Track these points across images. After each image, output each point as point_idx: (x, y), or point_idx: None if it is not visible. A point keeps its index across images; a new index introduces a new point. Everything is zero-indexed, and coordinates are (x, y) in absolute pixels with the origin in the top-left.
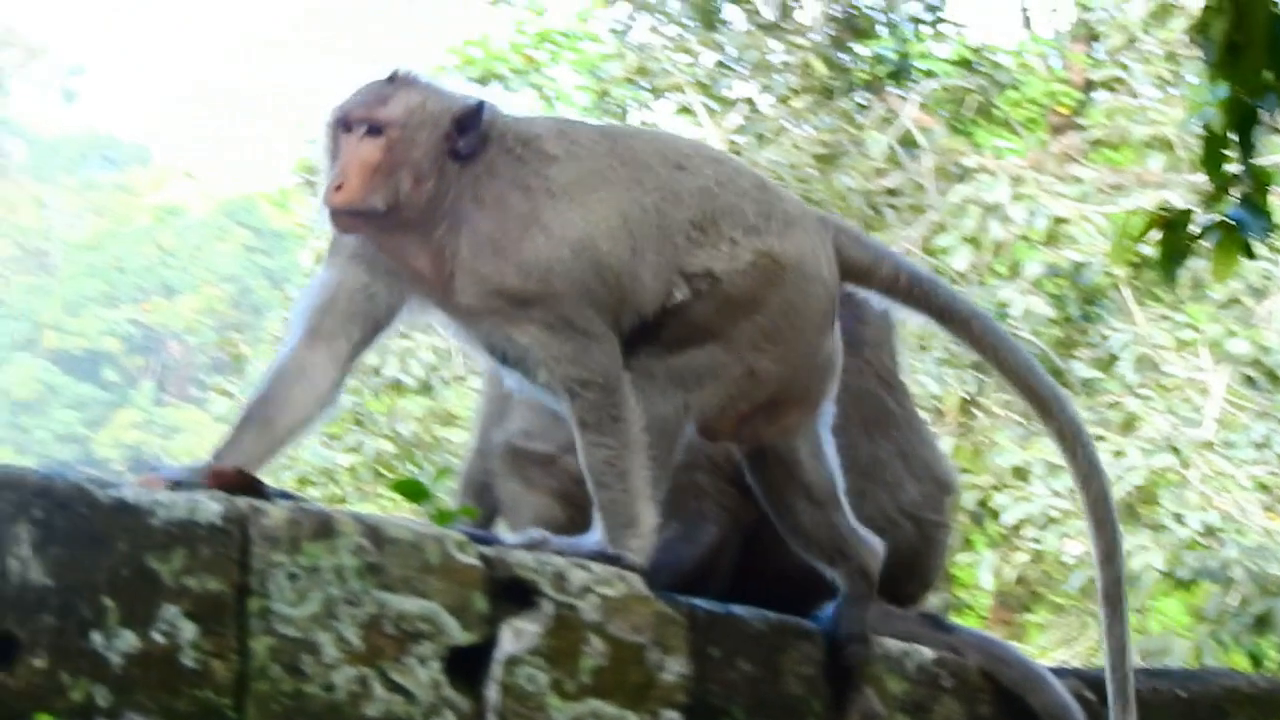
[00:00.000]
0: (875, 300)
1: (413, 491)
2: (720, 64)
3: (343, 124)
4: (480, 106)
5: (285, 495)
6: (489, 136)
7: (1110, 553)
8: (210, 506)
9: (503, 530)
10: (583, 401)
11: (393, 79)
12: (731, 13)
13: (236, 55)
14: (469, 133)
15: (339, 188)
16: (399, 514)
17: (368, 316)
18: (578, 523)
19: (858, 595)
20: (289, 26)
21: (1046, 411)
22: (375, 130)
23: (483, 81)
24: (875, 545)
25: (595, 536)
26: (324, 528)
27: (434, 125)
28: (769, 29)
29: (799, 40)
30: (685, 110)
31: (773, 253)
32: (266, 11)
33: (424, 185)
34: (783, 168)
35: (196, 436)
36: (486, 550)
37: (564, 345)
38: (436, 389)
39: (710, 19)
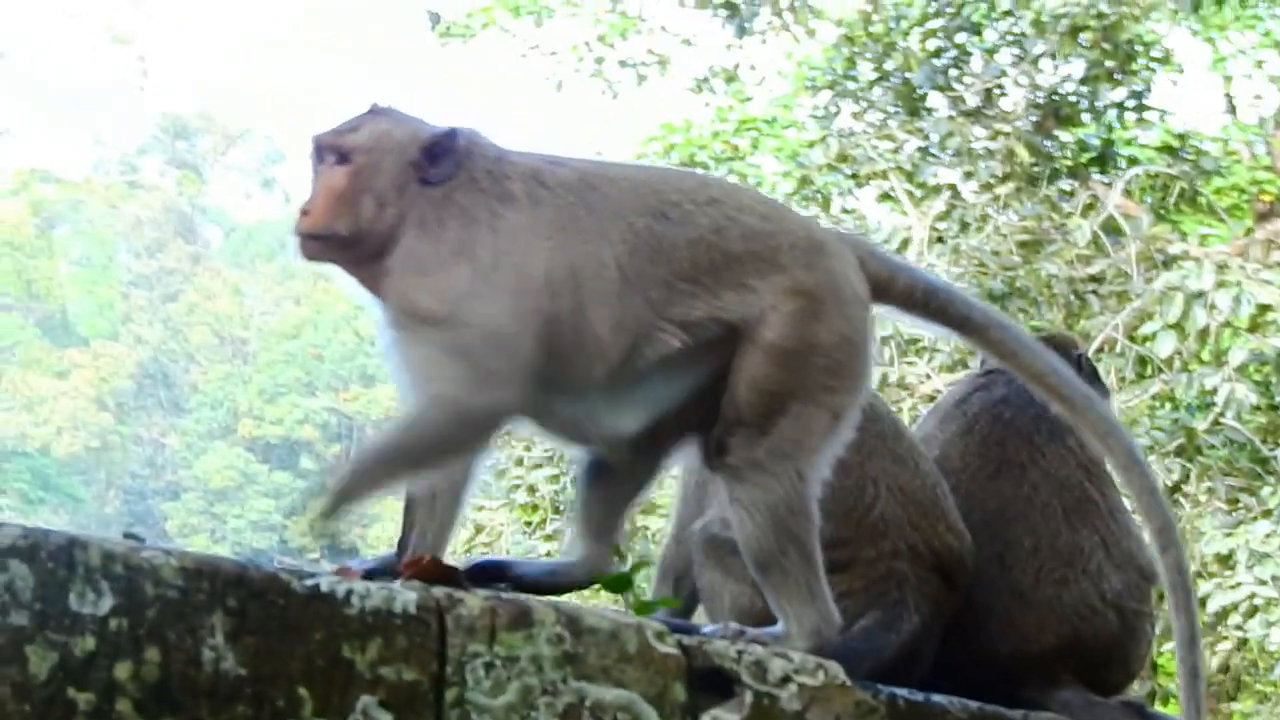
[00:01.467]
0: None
1: (612, 581)
2: (923, 150)
3: (318, 153)
4: (452, 133)
5: (482, 584)
6: (462, 165)
7: (1166, 540)
8: (406, 596)
9: (702, 619)
10: (424, 417)
11: (371, 110)
12: (935, 99)
13: None
14: (440, 161)
15: (306, 214)
16: (597, 603)
17: None
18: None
19: (570, 582)
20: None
21: (1078, 411)
22: (343, 157)
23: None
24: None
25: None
26: (522, 617)
27: (400, 152)
28: (972, 115)
29: (1003, 127)
30: (888, 197)
31: (803, 288)
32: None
33: (386, 211)
34: (986, 255)
35: (394, 525)
36: (686, 639)
37: (436, 381)
38: None
39: (913, 105)
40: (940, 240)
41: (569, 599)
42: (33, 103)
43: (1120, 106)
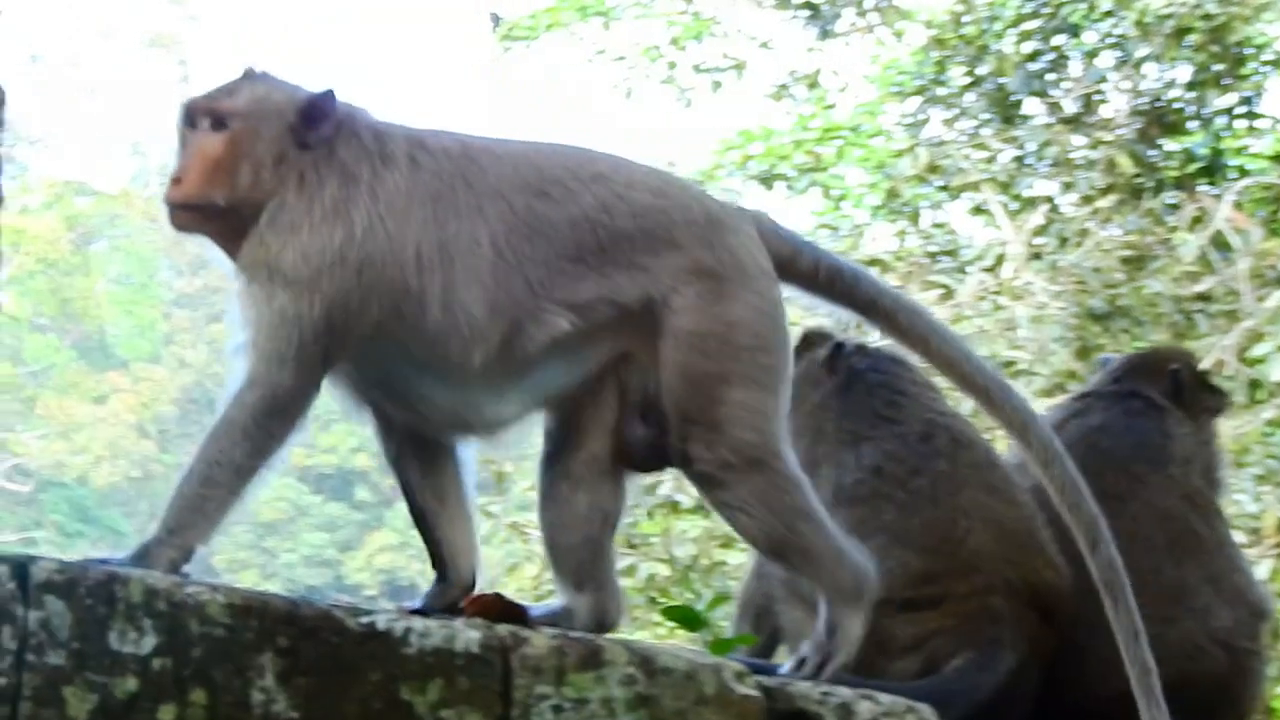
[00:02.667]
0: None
1: (687, 618)
2: (1019, 161)
3: (189, 118)
4: (329, 95)
5: (550, 622)
6: (340, 126)
7: (1094, 537)
8: (469, 634)
9: (784, 659)
10: (243, 398)
11: (246, 74)
12: (1031, 106)
13: None
14: (319, 124)
15: (178, 181)
16: (672, 642)
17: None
18: (864, 650)
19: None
20: None
21: (991, 402)
22: (219, 123)
23: (766, 181)
24: (623, 600)
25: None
26: (592, 657)
27: (279, 116)
28: (1071, 123)
29: (1103, 135)
30: (981, 210)
31: (703, 267)
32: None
33: (263, 178)
34: (1086, 272)
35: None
36: (766, 680)
37: (274, 341)
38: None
39: (1008, 112)
40: (1037, 256)
41: (642, 637)
42: (67, 110)
43: (1229, 113)
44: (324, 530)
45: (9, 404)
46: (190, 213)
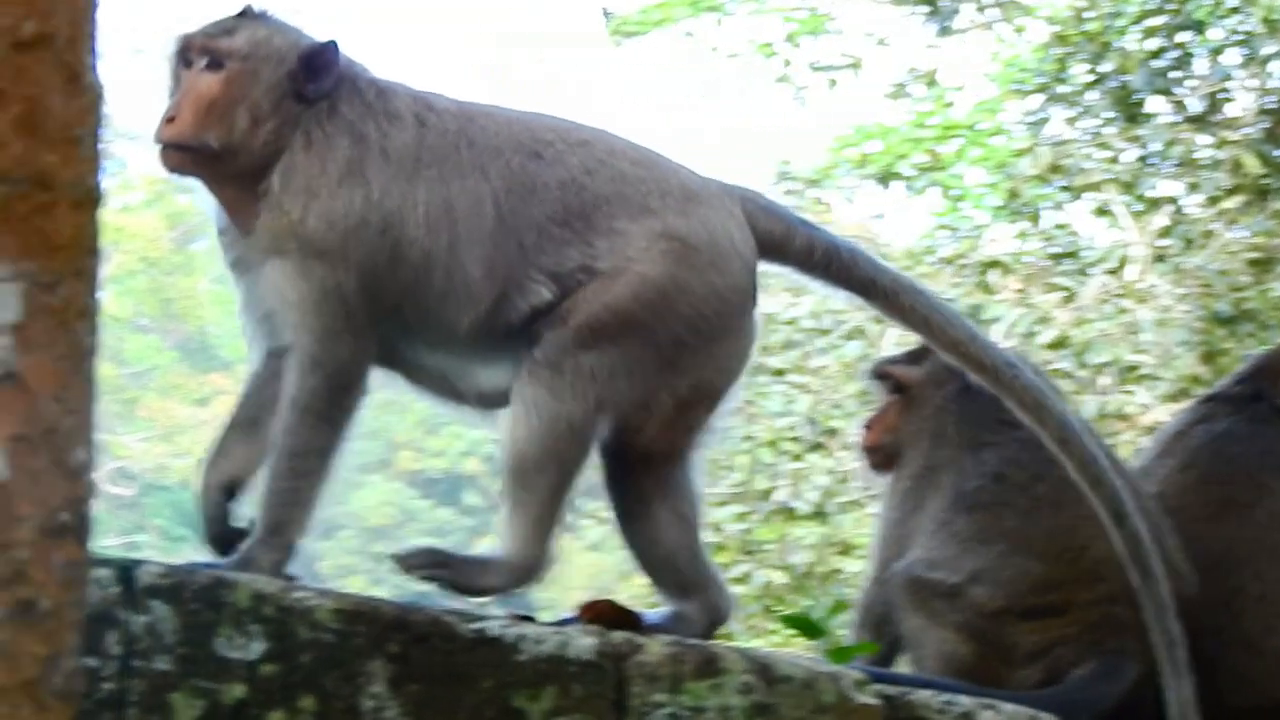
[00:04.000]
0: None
1: (806, 626)
2: (1143, 160)
3: (184, 55)
4: (332, 45)
5: (665, 630)
6: (341, 81)
7: (1118, 511)
8: (583, 641)
9: (904, 668)
10: (307, 382)
11: (243, 13)
12: (1155, 104)
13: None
14: (319, 75)
15: (171, 120)
16: (790, 650)
17: (272, 323)
18: (986, 659)
19: (700, 637)
20: None
21: (1000, 381)
22: (216, 63)
23: (883, 180)
24: (730, 591)
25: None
26: (708, 665)
27: (279, 61)
28: (1196, 122)
29: (1229, 134)
30: (1104, 211)
31: (676, 233)
32: None
33: (262, 126)
34: (1212, 274)
35: (568, 566)
36: (887, 689)
37: (321, 319)
38: (832, 515)
39: (1132, 111)
40: (1161, 259)
41: (758, 644)
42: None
43: None
44: (432, 535)
45: (111, 406)
46: (182, 153)
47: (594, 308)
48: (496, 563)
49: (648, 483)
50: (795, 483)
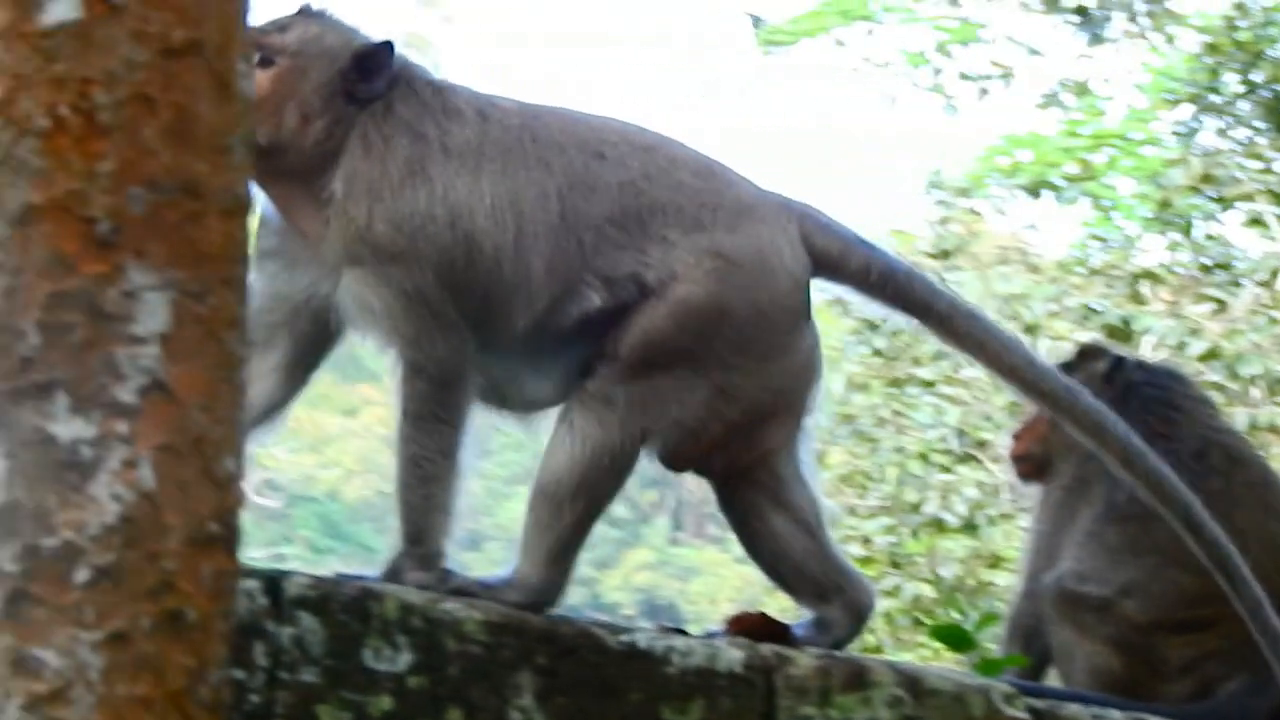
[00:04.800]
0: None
1: (955, 638)
2: None
3: None
4: (387, 46)
5: (812, 639)
6: (396, 81)
7: (1193, 521)
8: (732, 654)
9: (1054, 681)
10: (413, 388)
11: (301, 11)
12: None
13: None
14: (372, 76)
15: None
16: (939, 664)
17: (296, 317)
18: (1135, 673)
19: (849, 636)
20: None
21: (1059, 406)
22: (266, 59)
23: (1033, 190)
24: (867, 581)
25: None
26: (857, 678)
27: (331, 60)
28: None
29: None
30: (1257, 222)
31: (722, 251)
32: None
33: (311, 124)
34: None
35: (715, 579)
36: (1036, 703)
37: (410, 323)
38: (982, 528)
39: None
40: None
41: (907, 658)
42: None
43: None
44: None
45: None
46: None
47: (641, 338)
48: (515, 584)
49: (756, 498)
50: (945, 495)
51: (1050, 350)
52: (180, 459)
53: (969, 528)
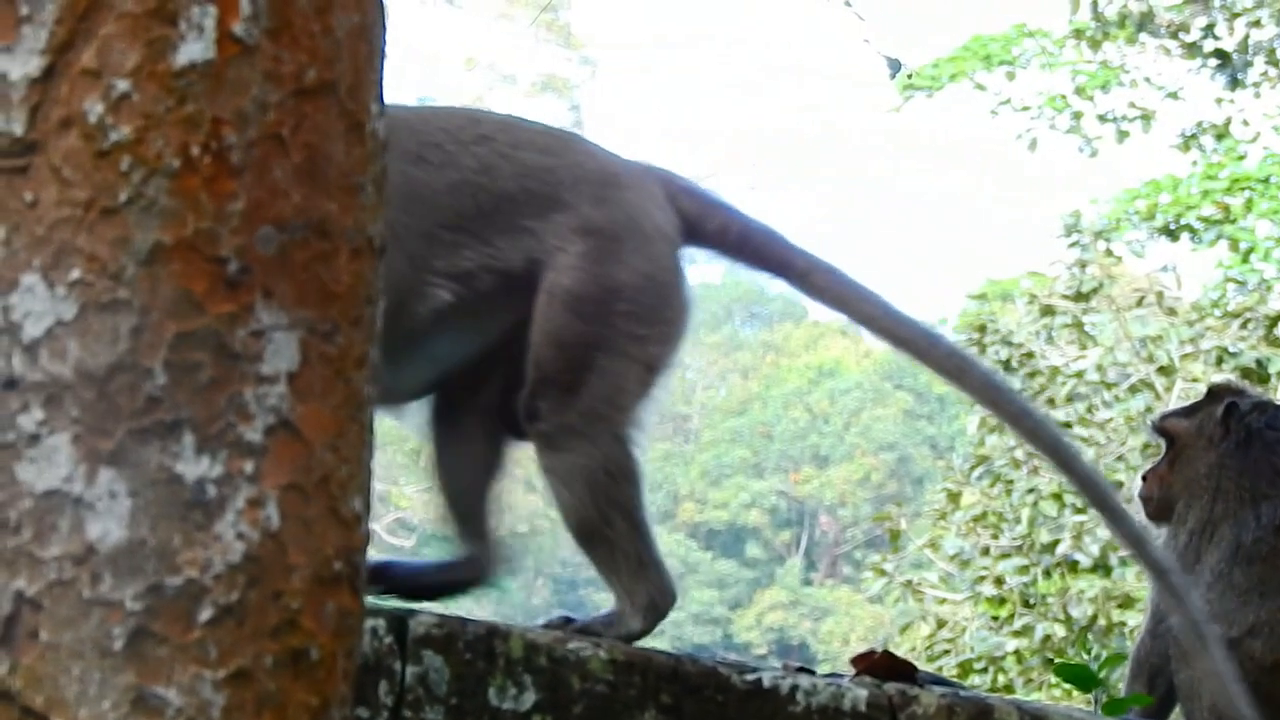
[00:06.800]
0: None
1: (1080, 677)
2: None
3: None
4: None
5: (939, 681)
6: None
7: (1061, 457)
8: (856, 692)
9: None
10: None
11: None
12: None
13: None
14: None
15: None
16: (1068, 704)
17: None
18: (1261, 713)
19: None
20: None
21: (920, 352)
22: None
23: (1172, 233)
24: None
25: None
26: (982, 716)
27: None
28: None
29: None
30: None
31: (592, 226)
32: None
33: None
34: None
35: (848, 619)
36: None
37: None
38: (1114, 568)
39: None
40: None
41: (1034, 698)
42: None
43: None
44: (713, 588)
45: (393, 456)
46: None
47: (547, 340)
48: (626, 610)
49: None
50: (1077, 536)
51: (1185, 393)
52: (306, 498)
53: (1101, 568)
